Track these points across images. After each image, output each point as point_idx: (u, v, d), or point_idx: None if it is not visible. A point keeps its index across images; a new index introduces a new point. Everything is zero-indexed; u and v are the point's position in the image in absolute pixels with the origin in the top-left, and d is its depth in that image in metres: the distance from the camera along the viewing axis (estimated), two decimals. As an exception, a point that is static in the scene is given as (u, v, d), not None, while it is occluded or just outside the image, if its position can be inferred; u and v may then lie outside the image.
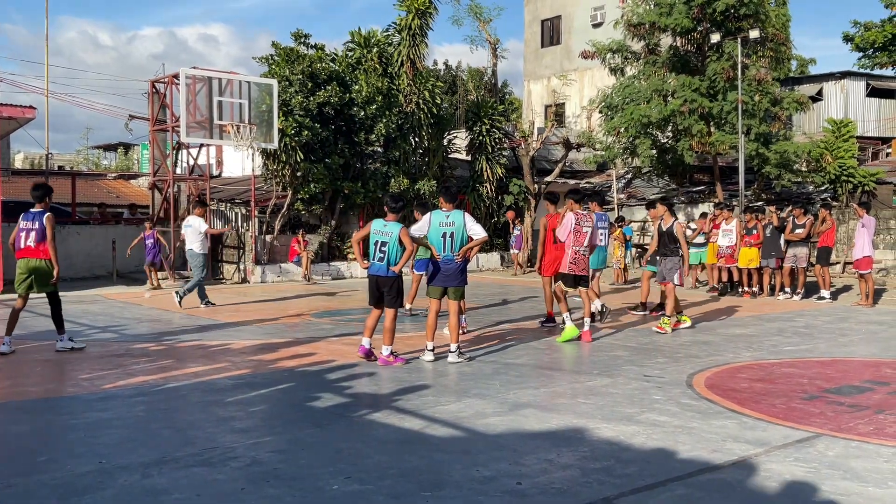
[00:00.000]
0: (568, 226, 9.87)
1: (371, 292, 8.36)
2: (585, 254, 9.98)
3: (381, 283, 8.23)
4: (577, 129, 28.23)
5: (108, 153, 54.56)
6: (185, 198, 21.10)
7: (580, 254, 9.90)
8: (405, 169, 20.95)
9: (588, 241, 9.99)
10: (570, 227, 9.85)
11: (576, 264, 9.87)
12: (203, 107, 17.81)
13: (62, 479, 4.61)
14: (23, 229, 9.08)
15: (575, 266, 9.88)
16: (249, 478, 4.63)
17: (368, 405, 6.44)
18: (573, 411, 6.23)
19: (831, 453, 5.15)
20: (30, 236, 9.03)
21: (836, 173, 21.58)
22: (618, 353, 9.00)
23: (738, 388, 7.14)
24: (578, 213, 9.98)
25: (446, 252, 8.31)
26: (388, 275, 8.17)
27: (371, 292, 8.36)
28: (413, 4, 20.61)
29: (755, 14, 21.04)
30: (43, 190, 9.26)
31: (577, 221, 9.88)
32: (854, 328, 11.28)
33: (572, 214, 9.94)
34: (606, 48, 23.39)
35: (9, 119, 15.92)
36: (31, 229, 9.03)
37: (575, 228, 9.84)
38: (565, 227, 9.90)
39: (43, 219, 9.00)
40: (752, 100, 20.60)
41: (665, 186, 26.30)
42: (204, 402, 6.57)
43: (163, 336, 10.31)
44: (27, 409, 6.30)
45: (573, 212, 9.99)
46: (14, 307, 9.19)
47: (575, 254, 9.87)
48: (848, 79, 30.47)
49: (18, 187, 23.13)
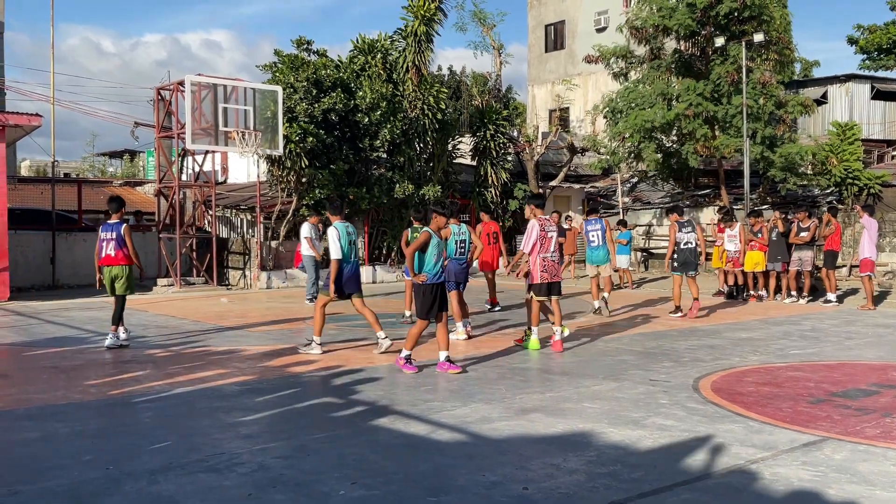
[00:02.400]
0: (533, 234, 9.44)
1: (433, 301, 8.16)
2: (555, 259, 9.59)
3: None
4: (581, 133, 28.23)
5: (113, 160, 54.71)
6: (190, 204, 21.15)
7: (549, 260, 9.50)
8: (410, 174, 20.96)
9: (554, 247, 9.59)
10: (534, 237, 9.42)
11: (546, 272, 9.46)
12: (208, 114, 17.86)
13: (69, 485, 4.62)
14: (103, 240, 10.08)
15: (546, 274, 9.46)
16: (256, 484, 4.63)
17: (374, 410, 6.45)
18: (579, 416, 6.22)
19: (838, 457, 5.13)
20: (109, 245, 10.03)
21: (841, 176, 21.55)
22: (623, 358, 8.98)
23: (745, 391, 7.13)
24: (542, 220, 9.58)
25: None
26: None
27: (433, 301, 8.16)
28: (420, 11, 20.64)
29: (759, 17, 21.04)
30: (118, 202, 10.27)
31: (542, 228, 9.47)
32: (861, 331, 11.25)
33: (536, 222, 9.51)
34: (611, 52, 23.41)
35: (15, 127, 15.99)
36: (109, 239, 10.03)
37: (540, 235, 9.42)
38: (530, 237, 9.46)
39: (120, 229, 10.02)
40: (756, 103, 20.57)
41: (670, 190, 26.28)
42: (210, 408, 6.58)
43: (169, 342, 10.33)
44: (34, 416, 6.32)
45: (537, 218, 9.57)
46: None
47: (544, 261, 9.45)
48: (852, 81, 30.41)
49: (25, 195, 23.25)
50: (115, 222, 10.11)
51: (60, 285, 19.07)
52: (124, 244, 9.97)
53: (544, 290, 9.51)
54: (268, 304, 15.31)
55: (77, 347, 9.90)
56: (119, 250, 9.96)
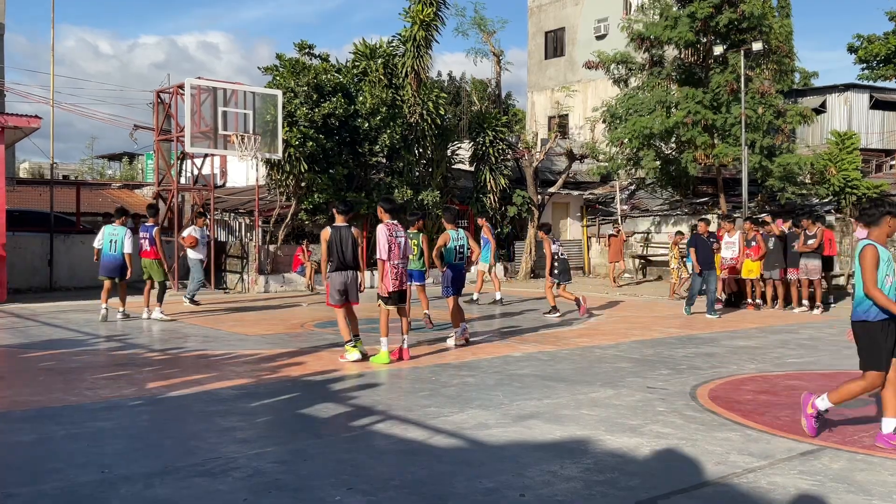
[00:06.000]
0: (382, 241, 8.92)
1: None
2: (404, 266, 9.19)
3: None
4: (580, 140, 28.26)
5: (112, 163, 54.69)
6: (189, 207, 21.14)
7: (399, 267, 9.09)
8: (409, 180, 20.98)
9: (402, 253, 9.15)
10: (385, 242, 8.91)
11: (398, 279, 9.06)
12: (208, 117, 17.88)
13: (64, 488, 4.61)
14: (142, 238, 12.90)
15: (397, 281, 9.05)
16: (251, 488, 4.61)
17: (371, 416, 6.43)
18: (577, 422, 6.21)
19: (836, 466, 5.13)
20: (146, 243, 12.87)
21: (839, 185, 21.57)
22: (621, 365, 8.98)
23: (742, 399, 7.12)
24: (389, 225, 9.05)
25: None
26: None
27: None
28: (418, 16, 20.68)
29: (758, 27, 21.10)
30: (154, 209, 13.34)
31: (389, 234, 8.98)
32: (858, 340, 11.23)
33: (383, 227, 9.02)
34: (611, 59, 23.45)
35: (14, 128, 15.99)
36: (146, 238, 12.87)
37: (388, 241, 8.93)
38: (383, 241, 8.92)
39: (152, 231, 12.81)
40: (755, 112, 20.61)
41: (669, 198, 26.30)
42: (206, 412, 6.56)
43: (166, 346, 10.31)
44: (30, 419, 6.30)
45: (384, 224, 9.07)
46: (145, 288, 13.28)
47: (395, 269, 9.03)
48: (851, 91, 30.49)
49: (24, 197, 23.25)
50: (151, 225, 12.86)
51: (58, 287, 19.05)
52: (154, 243, 12.70)
53: (396, 298, 9.13)
54: (265, 307, 15.29)
55: (74, 350, 9.87)
56: (152, 247, 12.75)
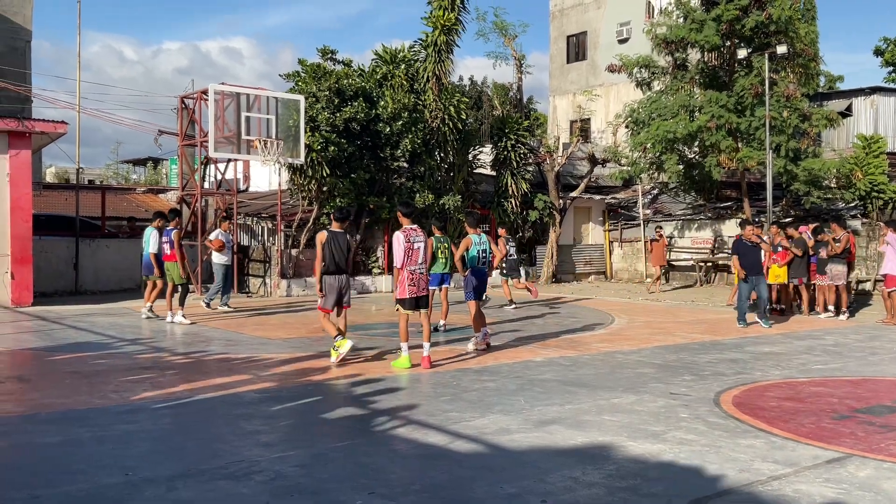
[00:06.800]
0: (398, 246, 8.82)
1: None
2: (423, 272, 9.04)
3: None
4: (602, 144, 28.15)
5: (137, 167, 55.27)
6: (212, 212, 21.30)
7: (417, 273, 8.93)
8: (430, 184, 21.00)
9: (422, 258, 9.01)
10: (401, 248, 8.80)
11: (415, 285, 8.92)
12: (231, 122, 17.99)
13: (89, 490, 4.65)
14: (164, 241, 13.17)
15: (415, 287, 8.92)
16: (273, 492, 4.63)
17: (392, 420, 6.44)
18: (598, 428, 6.17)
19: (862, 474, 5.06)
20: (166, 246, 13.15)
21: (866, 190, 21.31)
22: (643, 371, 8.92)
23: (767, 406, 7.05)
24: (407, 230, 8.95)
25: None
26: None
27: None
28: (439, 21, 20.72)
29: (784, 31, 20.90)
30: (175, 213, 13.50)
31: (406, 239, 8.86)
32: (885, 346, 11.09)
33: (400, 233, 8.91)
34: (634, 62, 23.34)
35: (41, 134, 16.20)
36: (166, 241, 13.15)
37: (406, 247, 8.82)
38: (398, 249, 8.83)
39: (171, 234, 13.10)
40: (780, 116, 20.41)
41: (692, 202, 26.12)
42: (230, 415, 6.60)
43: (190, 349, 10.39)
44: (55, 421, 6.37)
45: (401, 230, 8.98)
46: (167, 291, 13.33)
47: (412, 274, 8.88)
48: (878, 94, 30.08)
49: (50, 201, 23.54)
50: (171, 228, 13.12)
51: (83, 291, 19.26)
52: (173, 246, 12.99)
53: (413, 304, 8.97)
54: (287, 311, 15.36)
55: (99, 353, 9.96)
56: (172, 250, 13.01)
